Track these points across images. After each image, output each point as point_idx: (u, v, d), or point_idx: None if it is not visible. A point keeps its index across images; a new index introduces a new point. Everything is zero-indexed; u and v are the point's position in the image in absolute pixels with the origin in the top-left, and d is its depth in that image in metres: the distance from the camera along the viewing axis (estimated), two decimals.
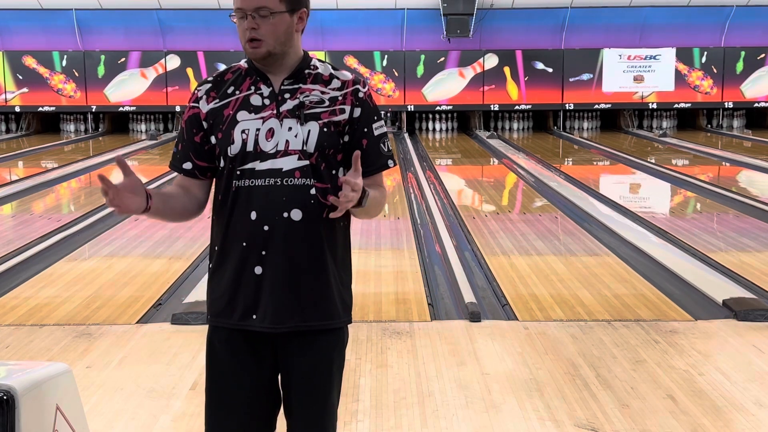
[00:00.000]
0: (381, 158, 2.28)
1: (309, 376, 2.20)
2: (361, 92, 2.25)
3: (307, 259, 2.17)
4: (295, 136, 2.17)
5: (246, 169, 2.17)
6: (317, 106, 2.21)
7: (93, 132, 17.20)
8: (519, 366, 4.08)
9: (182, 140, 2.29)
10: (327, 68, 2.31)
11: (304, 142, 2.17)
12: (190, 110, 2.28)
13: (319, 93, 2.23)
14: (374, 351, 4.30)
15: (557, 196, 9.37)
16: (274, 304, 2.15)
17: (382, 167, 2.30)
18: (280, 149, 2.17)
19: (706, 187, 10.03)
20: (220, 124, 2.22)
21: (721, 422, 3.44)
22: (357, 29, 16.72)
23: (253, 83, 2.24)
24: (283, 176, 2.15)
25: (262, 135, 2.17)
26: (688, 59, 17.00)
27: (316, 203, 2.16)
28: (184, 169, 2.28)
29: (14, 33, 16.78)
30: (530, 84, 16.92)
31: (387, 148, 2.29)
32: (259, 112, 2.20)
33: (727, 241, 7.00)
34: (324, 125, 2.19)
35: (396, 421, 3.47)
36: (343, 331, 2.27)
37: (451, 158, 13.78)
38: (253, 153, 2.17)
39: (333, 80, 2.27)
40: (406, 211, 8.51)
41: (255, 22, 2.17)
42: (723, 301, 5.07)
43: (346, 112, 2.22)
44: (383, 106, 16.95)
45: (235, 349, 2.20)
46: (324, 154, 2.19)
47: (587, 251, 6.68)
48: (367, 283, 5.74)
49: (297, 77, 2.25)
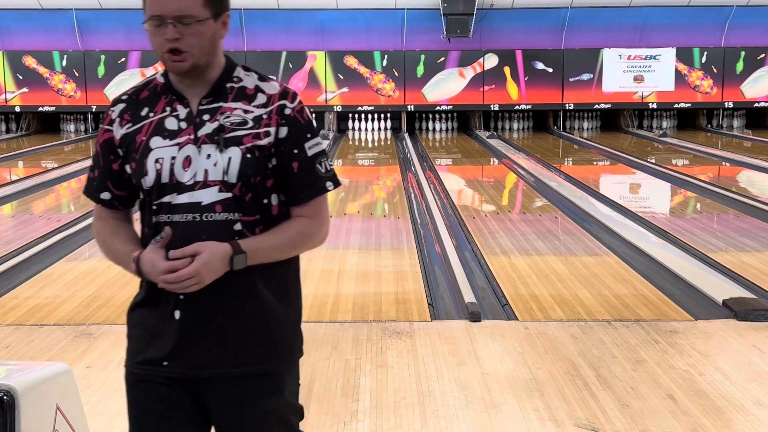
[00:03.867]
0: (318, 181, 1.98)
1: (239, 427, 1.97)
2: (288, 108, 1.96)
3: (232, 303, 1.92)
4: (215, 164, 1.91)
5: (163, 203, 1.92)
6: (239, 128, 1.93)
7: (93, 132, 17.20)
8: (519, 366, 4.08)
9: (98, 166, 2.03)
10: (252, 79, 2.00)
11: (225, 171, 1.90)
12: (104, 134, 2.01)
13: (242, 112, 1.95)
14: (374, 351, 4.30)
15: (557, 196, 9.37)
16: (195, 352, 1.92)
17: (320, 191, 1.99)
18: (199, 180, 1.91)
19: (706, 187, 10.03)
20: (133, 152, 1.95)
21: (721, 422, 3.44)
22: (357, 29, 16.72)
23: (169, 103, 1.97)
24: (203, 211, 1.90)
25: (179, 164, 1.91)
26: (688, 59, 17.00)
27: (242, 239, 1.91)
28: (102, 199, 2.03)
29: (14, 33, 16.78)
30: (530, 84, 16.92)
31: (325, 168, 1.99)
32: (174, 138, 1.93)
33: (727, 241, 7.00)
34: (247, 150, 1.91)
35: (396, 421, 3.47)
36: (283, 375, 1.99)
37: (451, 158, 13.78)
38: (169, 185, 1.91)
39: (258, 95, 1.97)
40: (406, 211, 8.52)
41: (177, 31, 1.88)
42: (723, 301, 5.07)
43: (271, 135, 1.94)
44: (383, 107, 16.97)
45: (155, 397, 1.95)
46: (249, 183, 1.92)
47: (587, 251, 6.68)
48: (367, 283, 5.74)
49: (217, 94, 1.96)
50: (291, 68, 16.69)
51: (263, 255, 1.91)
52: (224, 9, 1.95)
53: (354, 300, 5.30)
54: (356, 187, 10.60)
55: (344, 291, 5.53)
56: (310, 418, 3.50)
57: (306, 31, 16.70)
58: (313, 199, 1.99)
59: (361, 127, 17.28)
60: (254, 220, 1.94)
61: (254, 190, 1.93)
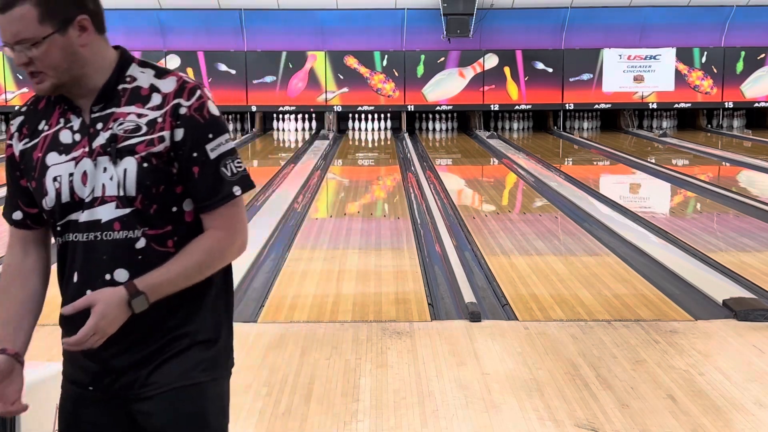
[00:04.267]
0: (223, 187, 1.78)
1: None
2: (183, 107, 1.76)
3: (139, 326, 1.77)
4: (111, 178, 1.75)
5: (66, 222, 1.79)
6: (133, 136, 1.75)
7: None
8: (519, 366, 4.08)
9: (9, 184, 1.88)
10: (148, 77, 1.81)
11: (121, 185, 1.74)
12: (8, 149, 1.87)
13: (135, 117, 1.76)
14: (374, 351, 4.30)
15: (557, 196, 9.37)
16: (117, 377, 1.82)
17: (226, 198, 1.79)
18: (97, 196, 1.76)
19: (706, 187, 10.03)
20: (31, 170, 1.81)
21: (721, 422, 3.44)
22: (357, 29, 16.72)
23: (63, 114, 1.80)
24: (102, 229, 1.76)
25: (77, 181, 1.76)
26: (688, 59, 17.00)
27: (148, 257, 1.77)
28: (14, 219, 1.88)
29: None
30: (530, 84, 16.92)
31: (232, 171, 1.79)
32: (70, 152, 1.77)
33: (727, 241, 7.00)
34: (142, 160, 1.74)
35: (396, 421, 3.47)
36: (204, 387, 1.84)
37: (451, 158, 13.78)
38: (71, 203, 1.77)
39: (153, 95, 1.78)
40: (406, 211, 8.52)
41: (24, 55, 1.72)
42: (723, 301, 5.07)
43: (166, 139, 1.75)
44: (383, 107, 16.97)
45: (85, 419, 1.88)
46: (151, 194, 1.75)
47: (587, 251, 6.68)
48: (367, 283, 5.74)
49: (108, 99, 1.78)
50: (291, 68, 16.69)
51: (167, 288, 1.76)
52: (72, 15, 1.72)
53: (354, 300, 5.30)
54: (356, 187, 10.61)
55: (344, 291, 5.53)
56: (310, 418, 3.50)
57: (306, 31, 16.69)
58: (221, 206, 1.79)
59: (361, 127, 17.28)
60: (164, 232, 1.78)
61: (160, 201, 1.77)
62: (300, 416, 3.52)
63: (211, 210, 1.79)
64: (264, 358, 4.19)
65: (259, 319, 4.90)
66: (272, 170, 11.79)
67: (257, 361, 4.14)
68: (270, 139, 16.51)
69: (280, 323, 4.80)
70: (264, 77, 16.72)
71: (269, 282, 5.73)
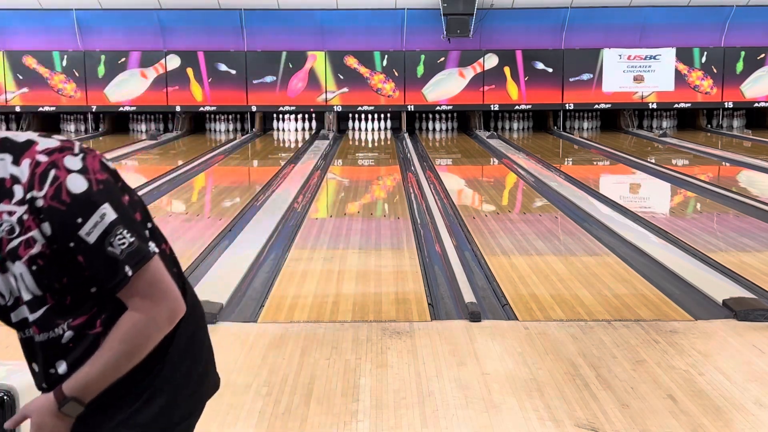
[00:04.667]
0: (115, 271, 1.60)
1: None
2: (39, 199, 1.56)
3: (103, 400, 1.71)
4: (15, 281, 1.65)
5: (8, 321, 1.75)
6: (12, 238, 1.59)
7: (93, 132, 17.21)
8: (519, 366, 4.08)
9: None
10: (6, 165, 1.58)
11: (24, 288, 1.64)
12: None
13: (7, 215, 1.59)
14: (374, 351, 4.30)
15: (557, 196, 9.37)
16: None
17: (121, 283, 1.62)
18: (16, 296, 1.68)
19: (706, 187, 10.03)
20: None
21: (721, 422, 3.44)
22: (357, 29, 16.72)
23: None
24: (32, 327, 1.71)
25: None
26: (688, 59, 17.00)
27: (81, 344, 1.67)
28: None
29: (14, 33, 16.77)
30: (530, 84, 16.92)
31: (120, 250, 1.59)
32: None
33: (727, 241, 7.00)
34: (30, 263, 1.60)
35: (396, 421, 3.47)
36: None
37: (451, 158, 13.78)
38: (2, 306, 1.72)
39: (14, 188, 1.58)
40: (406, 211, 8.52)
41: None
42: (723, 301, 5.07)
43: (38, 239, 1.58)
44: (383, 107, 16.97)
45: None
46: (57, 290, 1.63)
47: (587, 251, 6.68)
48: (367, 283, 5.74)
49: None
50: (291, 68, 16.69)
51: (97, 385, 1.66)
52: None
53: (354, 300, 5.30)
54: (356, 187, 10.60)
55: (344, 291, 5.53)
56: (310, 418, 3.50)
57: (306, 31, 16.70)
58: (123, 288, 1.63)
59: (361, 127, 17.28)
60: (90, 315, 1.67)
61: (71, 291, 1.64)
62: (300, 416, 3.52)
63: (118, 292, 1.64)
64: (264, 358, 4.19)
65: (259, 319, 4.90)
66: (272, 170, 11.80)
67: (257, 361, 4.14)
68: (270, 139, 16.51)
69: (280, 323, 4.80)
70: (264, 77, 16.72)
71: (269, 282, 5.73)
